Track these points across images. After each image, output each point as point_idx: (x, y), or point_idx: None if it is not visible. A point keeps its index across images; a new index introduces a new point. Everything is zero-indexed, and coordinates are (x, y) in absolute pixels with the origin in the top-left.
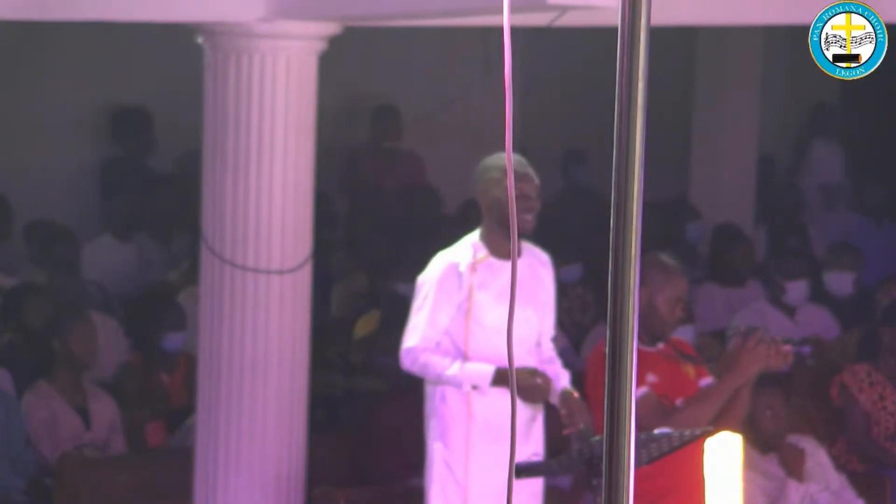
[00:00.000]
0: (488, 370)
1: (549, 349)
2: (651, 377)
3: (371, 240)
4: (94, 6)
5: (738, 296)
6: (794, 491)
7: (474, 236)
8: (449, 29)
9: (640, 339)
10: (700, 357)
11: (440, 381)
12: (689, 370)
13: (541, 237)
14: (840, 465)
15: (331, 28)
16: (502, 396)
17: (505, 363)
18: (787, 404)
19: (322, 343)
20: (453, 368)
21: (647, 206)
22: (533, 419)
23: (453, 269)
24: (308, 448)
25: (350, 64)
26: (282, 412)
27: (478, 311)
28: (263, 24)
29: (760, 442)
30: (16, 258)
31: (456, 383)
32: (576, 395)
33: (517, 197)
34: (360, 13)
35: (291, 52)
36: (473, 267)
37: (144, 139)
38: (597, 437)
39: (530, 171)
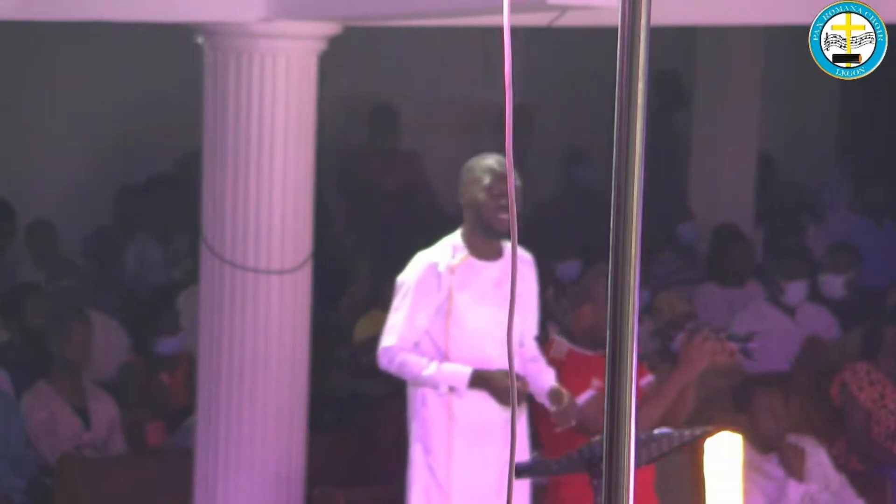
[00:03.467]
0: (465, 372)
1: (532, 348)
2: (596, 382)
3: (370, 240)
4: (94, 6)
5: (738, 296)
6: (794, 491)
7: (455, 236)
8: (449, 29)
9: (582, 344)
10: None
11: (417, 381)
12: None
13: (541, 235)
14: (840, 465)
15: (331, 28)
16: (483, 398)
17: (485, 364)
18: (787, 404)
19: (327, 344)
20: (430, 369)
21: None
22: (517, 418)
23: (432, 269)
24: (308, 448)
25: (350, 64)
26: (282, 412)
27: (458, 313)
28: (263, 24)
29: (760, 442)
30: (16, 258)
31: (433, 384)
32: (565, 392)
33: (494, 196)
34: (360, 13)
35: (291, 52)
36: (452, 268)
37: None
38: (597, 437)
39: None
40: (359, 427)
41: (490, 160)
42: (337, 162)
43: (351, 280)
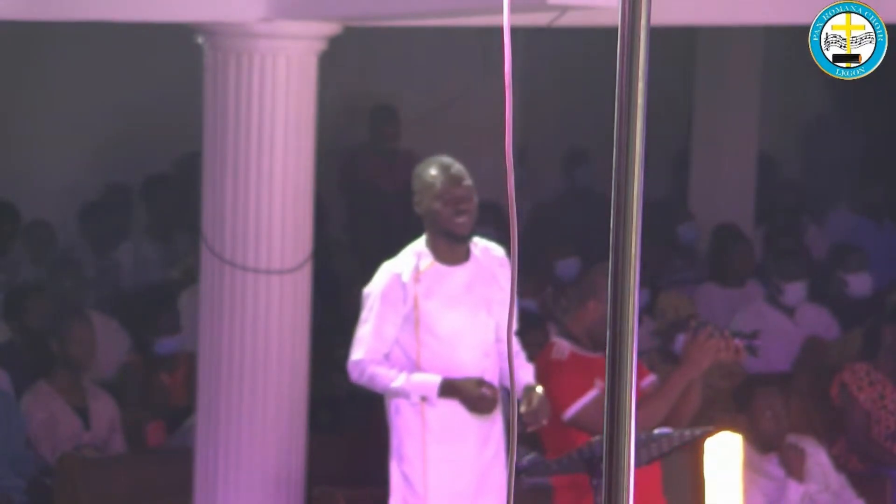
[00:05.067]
0: (434, 381)
1: (512, 343)
2: (600, 382)
3: (370, 240)
4: (95, 6)
5: (738, 296)
6: (794, 491)
7: (419, 243)
8: (449, 29)
9: (584, 345)
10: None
11: (388, 392)
12: None
13: (541, 236)
14: (840, 465)
15: (331, 28)
16: (456, 404)
17: (457, 370)
18: (787, 404)
19: (327, 344)
20: (399, 380)
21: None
22: (490, 420)
23: (396, 280)
24: (308, 448)
25: (350, 64)
26: (282, 412)
27: (427, 321)
28: (263, 24)
29: (760, 442)
30: (16, 258)
31: (404, 395)
32: (539, 390)
33: (447, 202)
34: (360, 13)
35: (291, 52)
36: (416, 277)
37: None
38: (597, 437)
39: (460, 172)
40: (358, 427)
41: (435, 166)
42: (337, 162)
43: (351, 280)
